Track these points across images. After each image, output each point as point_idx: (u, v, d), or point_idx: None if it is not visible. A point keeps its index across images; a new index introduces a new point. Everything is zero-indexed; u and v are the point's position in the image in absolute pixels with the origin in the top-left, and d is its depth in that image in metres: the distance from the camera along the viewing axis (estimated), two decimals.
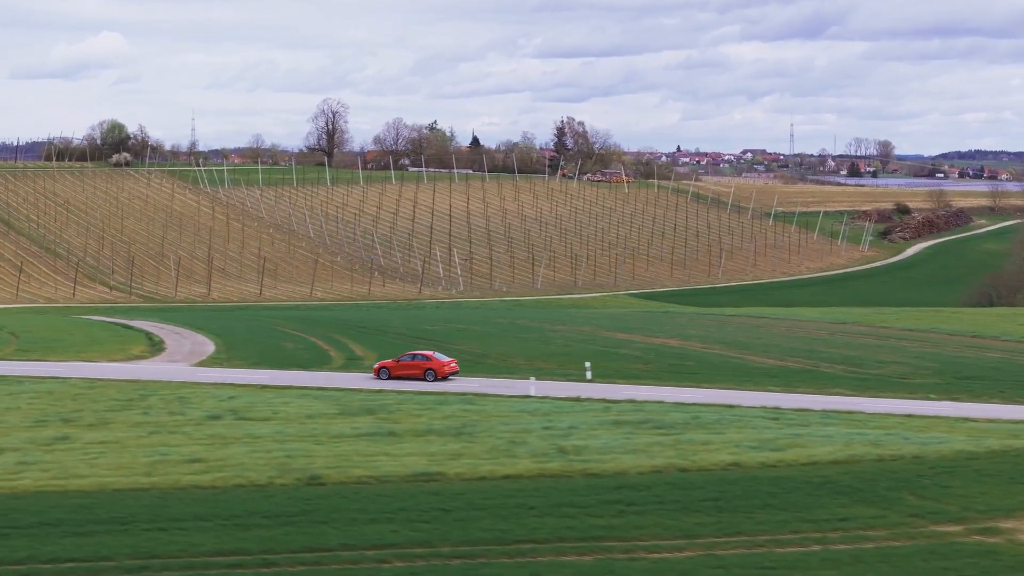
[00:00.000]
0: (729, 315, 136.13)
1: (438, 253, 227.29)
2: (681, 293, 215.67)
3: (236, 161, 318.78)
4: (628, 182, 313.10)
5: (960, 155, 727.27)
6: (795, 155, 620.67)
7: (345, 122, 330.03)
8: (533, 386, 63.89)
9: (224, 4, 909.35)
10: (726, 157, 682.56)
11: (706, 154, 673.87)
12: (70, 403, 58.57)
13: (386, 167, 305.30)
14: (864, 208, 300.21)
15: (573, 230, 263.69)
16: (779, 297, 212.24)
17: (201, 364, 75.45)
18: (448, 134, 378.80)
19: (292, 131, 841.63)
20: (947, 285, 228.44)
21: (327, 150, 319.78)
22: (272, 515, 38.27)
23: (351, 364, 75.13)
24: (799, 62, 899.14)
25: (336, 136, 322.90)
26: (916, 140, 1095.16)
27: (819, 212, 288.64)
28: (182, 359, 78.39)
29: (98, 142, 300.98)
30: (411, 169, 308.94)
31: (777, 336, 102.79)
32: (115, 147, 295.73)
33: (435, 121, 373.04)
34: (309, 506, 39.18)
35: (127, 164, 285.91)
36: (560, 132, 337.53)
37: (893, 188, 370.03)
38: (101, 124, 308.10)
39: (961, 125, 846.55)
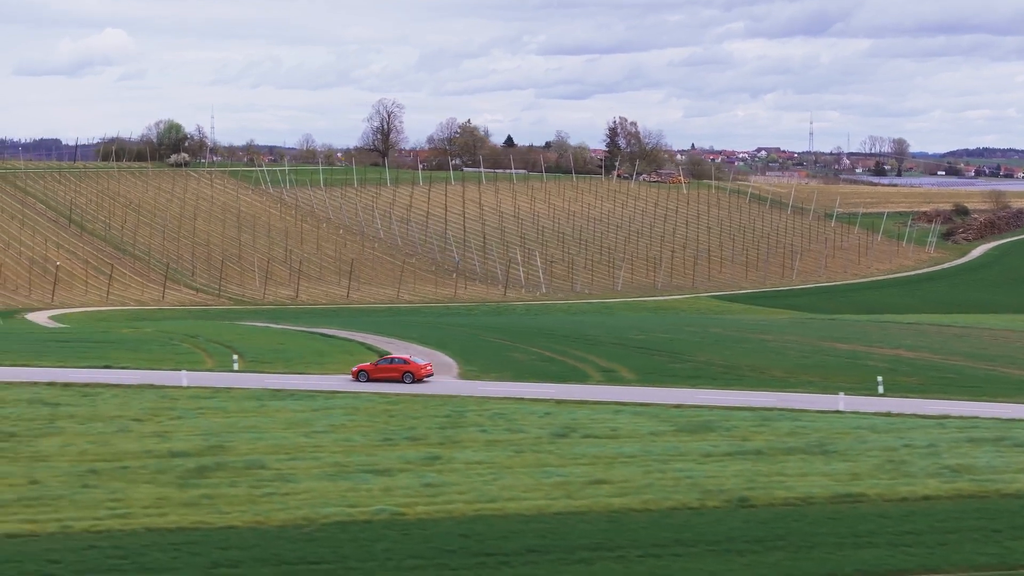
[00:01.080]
0: (908, 323, 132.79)
1: (519, 255, 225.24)
2: (763, 295, 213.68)
3: (283, 161, 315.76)
4: (685, 182, 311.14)
5: (968, 152, 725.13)
6: (811, 152, 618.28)
7: (400, 122, 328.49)
8: (842, 401, 61.82)
9: (228, 1, 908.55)
10: (740, 155, 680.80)
11: (720, 152, 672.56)
12: (391, 420, 56.34)
13: (440, 167, 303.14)
14: (923, 209, 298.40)
15: (640, 231, 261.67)
16: (860, 299, 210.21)
17: (464, 377, 72.72)
18: (483, 133, 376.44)
19: (294, 128, 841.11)
20: (1018, 286, 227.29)
21: (382, 150, 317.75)
22: (753, 540, 36.52)
23: (611, 377, 72.83)
24: (803, 59, 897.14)
25: (391, 136, 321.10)
26: (920, 137, 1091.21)
27: (883, 213, 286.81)
28: (439, 373, 75.18)
29: (155, 142, 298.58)
30: (466, 169, 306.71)
31: (996, 345, 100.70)
32: (173, 147, 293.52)
33: (468, 120, 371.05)
34: (781, 529, 37.38)
35: (186, 164, 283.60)
36: (612, 132, 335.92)
37: (948, 189, 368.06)
38: (157, 124, 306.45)
39: (964, 122, 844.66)
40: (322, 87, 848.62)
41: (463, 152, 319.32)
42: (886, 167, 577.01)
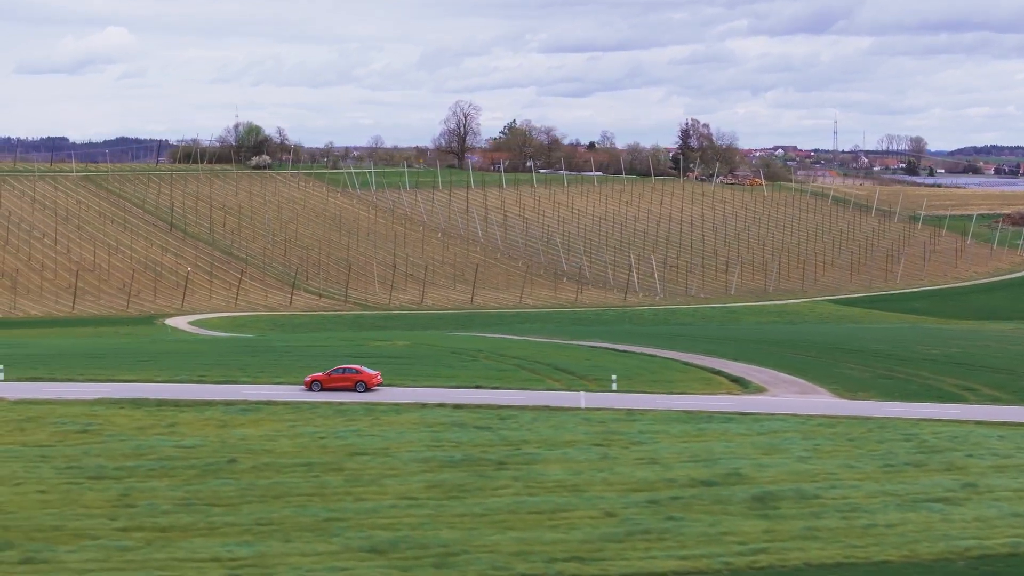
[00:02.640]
0: None
1: (632, 259, 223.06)
2: (877, 299, 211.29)
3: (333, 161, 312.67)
4: (761, 184, 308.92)
5: (976, 150, 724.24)
6: (833, 151, 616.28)
7: (477, 124, 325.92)
8: None
9: None
10: (757, 153, 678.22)
11: (738, 150, 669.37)
12: (852, 444, 53.57)
13: (515, 169, 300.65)
14: (1005, 211, 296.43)
15: (733, 234, 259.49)
16: (975, 303, 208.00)
17: (834, 395, 69.67)
18: (527, 133, 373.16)
19: (298, 124, 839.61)
20: None
21: (458, 152, 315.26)
22: None
23: (990, 398, 69.82)
24: (804, 57, 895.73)
25: (467, 137, 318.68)
26: (920, 135, 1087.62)
27: (969, 216, 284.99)
28: (780, 389, 72.06)
29: (232, 144, 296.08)
30: (542, 171, 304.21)
31: None
32: (253, 149, 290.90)
33: (514, 120, 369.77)
34: None
35: (267, 167, 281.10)
36: (685, 134, 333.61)
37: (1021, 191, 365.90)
38: (236, 126, 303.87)
39: (964, 120, 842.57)
40: (323, 85, 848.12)
41: (537, 154, 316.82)
42: (919, 168, 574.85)
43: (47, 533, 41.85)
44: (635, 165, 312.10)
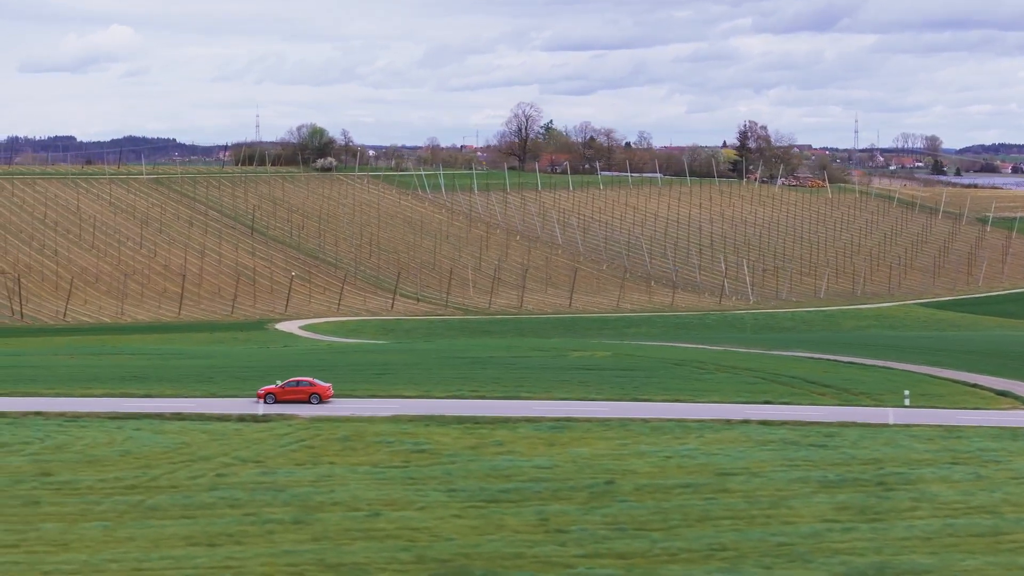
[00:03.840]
0: None
1: (723, 263, 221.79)
2: (966, 302, 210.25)
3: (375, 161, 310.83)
4: (822, 185, 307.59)
5: (984, 148, 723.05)
6: (855, 150, 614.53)
7: (540, 126, 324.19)
8: None
9: None
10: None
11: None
12: None
13: (574, 171, 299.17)
14: None
15: (805, 237, 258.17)
16: None
17: None
18: (564, 133, 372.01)
19: (299, 122, 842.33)
20: None
21: (520, 154, 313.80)
22: None
23: None
24: (808, 55, 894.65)
25: (529, 140, 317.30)
26: (922, 131, 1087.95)
27: None
28: None
29: (296, 146, 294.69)
30: (603, 173, 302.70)
31: None
32: (318, 151, 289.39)
33: (551, 121, 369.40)
34: None
35: (332, 168, 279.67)
36: (743, 135, 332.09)
37: None
38: (300, 128, 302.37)
39: (965, 117, 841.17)
40: (325, 83, 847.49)
41: (598, 156, 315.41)
42: (919, 164, 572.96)
43: (508, 561, 40.42)
44: (693, 167, 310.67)
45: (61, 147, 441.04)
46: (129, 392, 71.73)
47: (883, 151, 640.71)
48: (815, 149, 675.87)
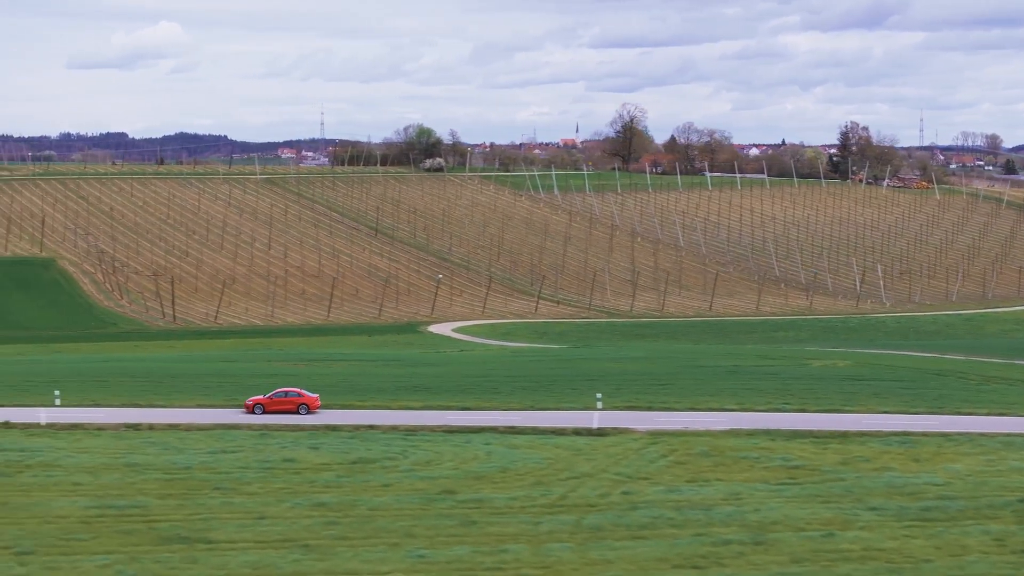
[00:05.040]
0: None
1: (854, 265, 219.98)
2: None
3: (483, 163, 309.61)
4: (931, 187, 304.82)
5: None
6: (914, 148, 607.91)
7: (644, 127, 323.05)
8: None
9: None
10: (809, 150, 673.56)
11: (809, 147, 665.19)
12: None
13: (680, 171, 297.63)
14: None
15: (922, 239, 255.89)
16: None
17: None
18: (645, 132, 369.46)
19: (344, 119, 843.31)
20: None
21: (624, 155, 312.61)
22: None
23: None
24: (855, 52, 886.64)
25: (634, 140, 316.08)
26: (970, 129, 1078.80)
27: None
28: None
29: (403, 146, 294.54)
30: (705, 174, 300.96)
31: None
32: (425, 151, 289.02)
33: (631, 120, 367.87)
34: None
35: (441, 169, 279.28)
36: (845, 136, 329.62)
37: None
38: (407, 128, 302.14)
39: (1013, 115, 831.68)
40: (372, 80, 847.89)
41: (701, 156, 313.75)
42: (978, 162, 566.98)
43: None
44: (794, 167, 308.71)
45: (114, 144, 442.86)
46: (431, 404, 70.87)
47: (942, 149, 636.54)
48: (905, 149, 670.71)
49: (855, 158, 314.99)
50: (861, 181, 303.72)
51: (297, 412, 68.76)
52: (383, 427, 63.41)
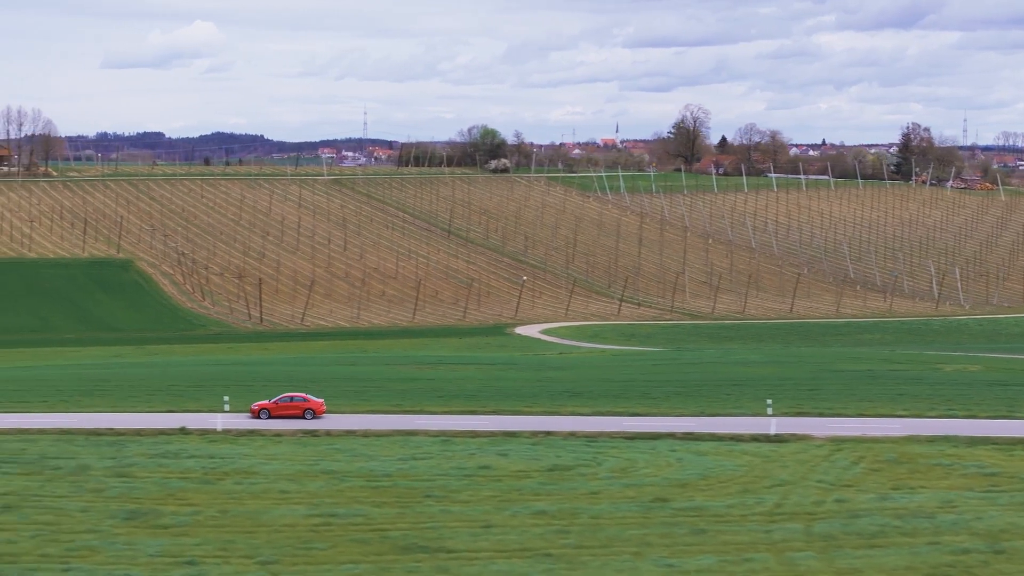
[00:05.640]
0: None
1: (932, 268, 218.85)
2: None
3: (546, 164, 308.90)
4: (996, 188, 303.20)
5: None
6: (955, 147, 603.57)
7: (707, 128, 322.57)
8: None
9: None
10: (872, 151, 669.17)
11: (850, 147, 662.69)
12: None
13: (738, 172, 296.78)
14: None
15: (992, 241, 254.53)
16: None
17: None
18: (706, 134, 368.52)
19: (378, 119, 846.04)
20: None
21: (687, 156, 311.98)
22: None
23: None
24: (891, 52, 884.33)
25: (697, 142, 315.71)
26: (1008, 129, 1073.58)
27: None
28: None
29: (467, 147, 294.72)
30: (771, 175, 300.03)
31: None
32: (489, 152, 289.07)
33: (682, 120, 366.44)
34: None
35: (506, 170, 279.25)
36: (906, 137, 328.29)
37: None
38: (471, 130, 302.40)
39: None
40: (406, 79, 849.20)
41: (764, 158, 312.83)
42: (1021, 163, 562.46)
43: None
44: (848, 168, 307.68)
45: (151, 143, 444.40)
46: (600, 410, 70.62)
47: (983, 149, 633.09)
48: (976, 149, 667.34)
49: (917, 159, 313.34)
50: (924, 182, 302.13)
51: (303, 417, 68.17)
52: (561, 433, 63.17)
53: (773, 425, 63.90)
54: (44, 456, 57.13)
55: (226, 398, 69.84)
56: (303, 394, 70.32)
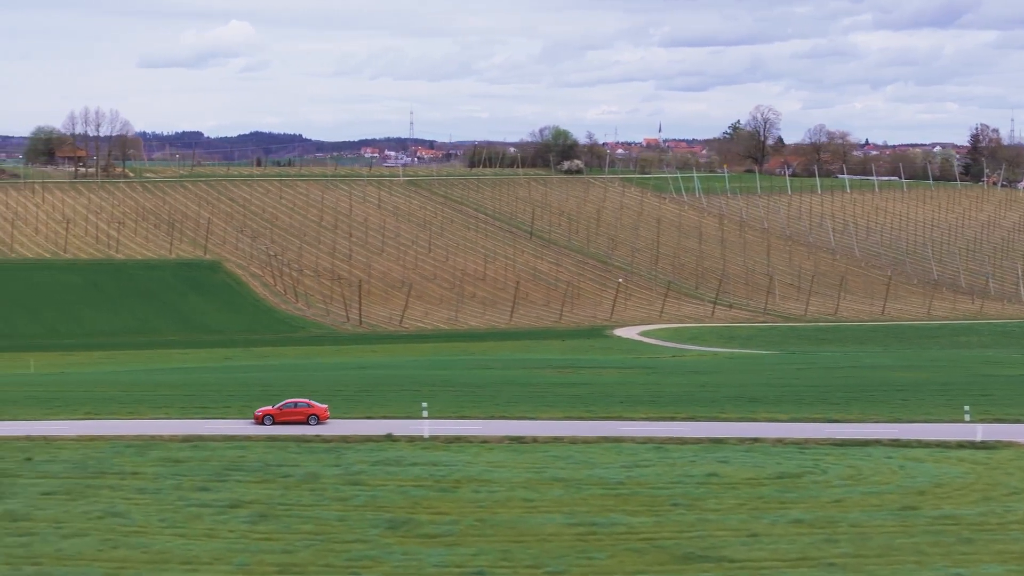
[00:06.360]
0: None
1: (1020, 270, 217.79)
2: None
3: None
4: None
5: None
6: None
7: (777, 129, 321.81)
8: None
9: None
10: (917, 150, 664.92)
11: (893, 147, 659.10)
12: None
13: (811, 173, 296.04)
14: None
15: None
16: None
17: None
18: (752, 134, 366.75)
19: (409, 118, 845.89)
20: None
21: (757, 158, 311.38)
22: None
23: None
24: (927, 51, 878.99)
25: (766, 144, 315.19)
26: None
27: None
28: None
29: (535, 145, 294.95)
30: (842, 176, 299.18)
31: None
32: (562, 153, 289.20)
33: (738, 121, 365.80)
34: None
35: (580, 171, 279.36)
36: (975, 139, 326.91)
37: None
38: (543, 130, 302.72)
39: None
40: (441, 78, 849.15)
41: (833, 159, 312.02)
42: None
43: None
44: (917, 170, 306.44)
45: (190, 143, 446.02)
46: (797, 416, 70.59)
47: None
48: (960, 147, 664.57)
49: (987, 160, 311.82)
50: (995, 183, 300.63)
51: (306, 423, 68.48)
52: (768, 440, 63.22)
53: (979, 432, 63.72)
54: (266, 463, 57.37)
55: (424, 404, 70.09)
56: (306, 400, 70.90)
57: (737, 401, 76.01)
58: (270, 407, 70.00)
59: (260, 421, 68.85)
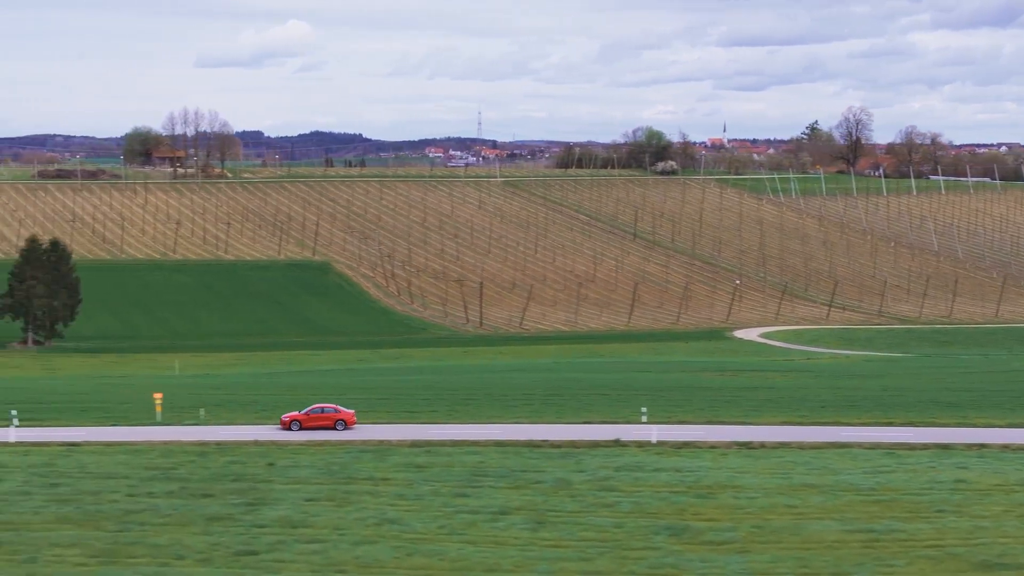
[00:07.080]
0: None
1: None
2: None
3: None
4: None
5: None
6: None
7: (870, 131, 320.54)
8: None
9: None
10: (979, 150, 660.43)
11: (961, 146, 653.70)
12: None
13: (901, 174, 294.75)
14: None
15: None
16: None
17: None
18: (829, 135, 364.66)
19: (467, 117, 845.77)
20: None
21: (850, 159, 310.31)
22: None
23: None
24: (986, 50, 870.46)
25: (860, 144, 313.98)
26: None
27: None
28: None
29: (627, 146, 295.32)
30: (931, 177, 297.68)
31: None
32: (656, 154, 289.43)
33: (816, 121, 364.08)
34: None
35: (674, 172, 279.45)
36: None
37: None
38: (636, 131, 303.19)
39: None
40: (497, 78, 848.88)
41: (924, 160, 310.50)
42: None
43: None
44: (1015, 171, 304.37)
45: (251, 142, 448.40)
46: (992, 422, 70.86)
47: None
48: None
49: None
50: None
51: (334, 428, 68.55)
52: (995, 445, 63.47)
53: None
54: (510, 469, 57.96)
55: (643, 408, 70.82)
56: (334, 405, 70.82)
57: (935, 406, 76.24)
58: (297, 412, 70.04)
59: (287, 427, 68.98)
